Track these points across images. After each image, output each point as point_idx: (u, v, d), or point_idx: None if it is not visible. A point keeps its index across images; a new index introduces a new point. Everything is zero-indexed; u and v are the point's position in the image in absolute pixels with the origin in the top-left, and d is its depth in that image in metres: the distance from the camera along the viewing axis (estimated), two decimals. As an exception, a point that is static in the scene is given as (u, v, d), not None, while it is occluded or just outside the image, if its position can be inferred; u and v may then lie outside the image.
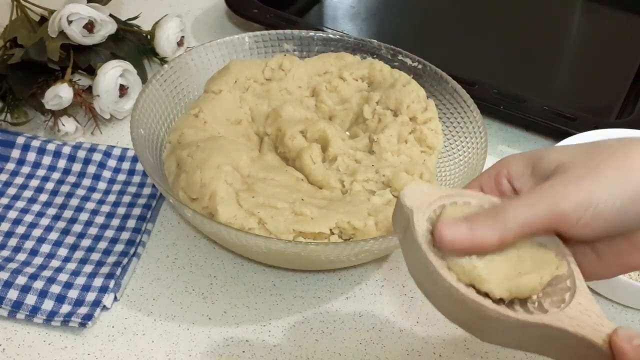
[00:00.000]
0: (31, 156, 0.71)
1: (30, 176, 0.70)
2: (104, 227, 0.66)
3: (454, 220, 0.39)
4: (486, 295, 0.38)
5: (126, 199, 0.68)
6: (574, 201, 0.38)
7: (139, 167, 0.71)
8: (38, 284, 0.59)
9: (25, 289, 0.59)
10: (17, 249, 0.63)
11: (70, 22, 0.74)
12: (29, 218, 0.66)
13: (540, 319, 0.37)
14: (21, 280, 0.59)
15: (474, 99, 0.69)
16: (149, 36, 0.84)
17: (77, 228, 0.65)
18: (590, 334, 0.37)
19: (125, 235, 0.65)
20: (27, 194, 0.68)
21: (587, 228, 0.39)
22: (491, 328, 0.38)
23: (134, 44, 0.82)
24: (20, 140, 0.71)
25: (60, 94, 0.72)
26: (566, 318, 0.38)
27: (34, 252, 0.63)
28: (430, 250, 0.39)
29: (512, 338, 0.38)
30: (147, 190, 0.69)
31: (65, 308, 0.59)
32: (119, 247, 0.64)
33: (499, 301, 0.38)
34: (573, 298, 0.39)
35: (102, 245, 0.64)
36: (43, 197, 0.68)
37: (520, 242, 0.40)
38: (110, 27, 0.77)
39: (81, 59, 0.76)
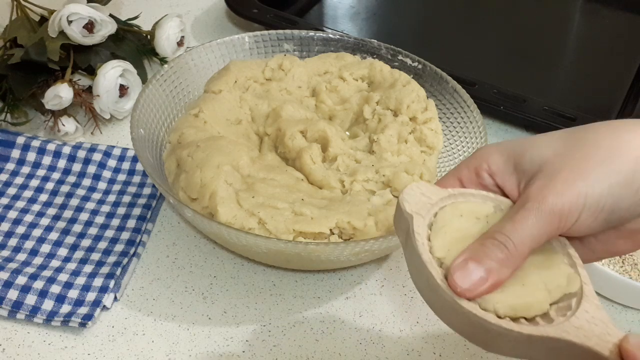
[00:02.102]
0: (31, 156, 0.71)
1: (30, 176, 0.70)
2: (104, 227, 0.66)
3: (460, 262, 0.37)
4: None
5: (126, 199, 0.68)
6: (569, 205, 0.38)
7: (139, 167, 0.71)
8: (38, 284, 0.59)
9: (25, 289, 0.59)
10: (17, 249, 0.63)
11: (70, 22, 0.74)
12: (29, 218, 0.66)
13: (546, 332, 0.36)
14: (21, 280, 0.59)
15: (474, 99, 0.69)
16: (149, 36, 0.84)
17: (77, 228, 0.65)
18: (597, 345, 0.36)
19: (125, 235, 0.65)
20: (27, 194, 0.68)
21: (583, 226, 0.39)
22: (495, 341, 0.37)
23: (134, 44, 0.82)
24: (21, 140, 0.71)
25: (60, 94, 0.72)
26: (572, 329, 0.36)
27: (34, 252, 0.63)
28: (432, 259, 0.38)
29: (517, 350, 0.38)
30: (147, 190, 0.69)
31: (65, 308, 0.59)
32: (119, 247, 0.64)
33: None
34: (579, 305, 0.38)
35: (102, 245, 0.64)
36: (43, 197, 0.68)
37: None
38: (110, 27, 0.77)
39: (81, 59, 0.76)
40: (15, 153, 0.71)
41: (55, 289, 0.59)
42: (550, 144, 0.41)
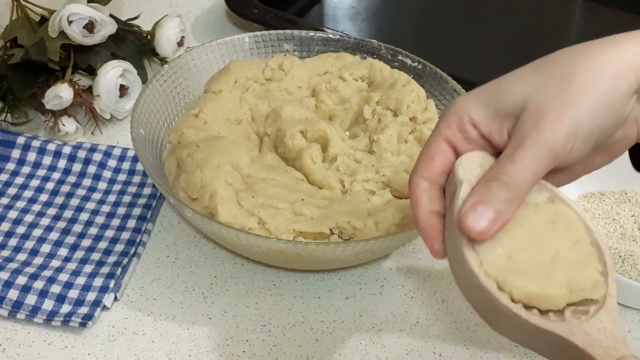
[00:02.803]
0: (31, 156, 0.71)
1: (30, 176, 0.70)
2: (104, 227, 0.66)
3: (469, 208, 0.38)
4: None
5: (126, 199, 0.68)
6: (565, 136, 0.39)
7: (139, 167, 0.71)
8: (38, 284, 0.59)
9: (26, 289, 0.59)
10: (17, 249, 0.63)
11: (70, 22, 0.74)
12: (29, 218, 0.66)
13: (552, 327, 0.36)
14: (21, 280, 0.59)
15: (474, 99, 0.69)
16: (149, 36, 0.84)
17: (77, 228, 0.65)
18: (599, 355, 0.35)
19: (125, 235, 0.65)
20: (28, 194, 0.68)
21: (576, 154, 0.40)
22: (501, 322, 0.38)
23: (134, 44, 0.82)
24: (21, 140, 0.71)
25: (60, 94, 0.72)
26: (580, 332, 0.36)
27: (34, 252, 0.63)
28: None
29: (521, 337, 0.38)
30: (147, 190, 0.69)
31: (66, 308, 0.59)
32: (119, 247, 0.64)
33: None
34: (597, 314, 0.37)
35: (103, 245, 0.64)
36: (43, 197, 0.68)
37: (566, 240, 0.39)
38: (111, 27, 0.77)
39: (81, 59, 0.76)
40: (16, 153, 0.71)
41: (56, 288, 0.59)
42: (526, 79, 0.41)
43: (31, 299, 0.59)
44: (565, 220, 0.40)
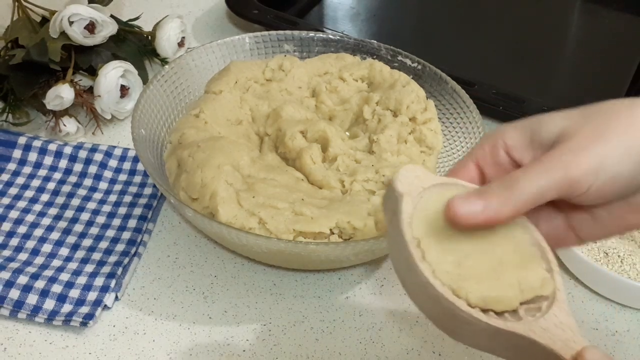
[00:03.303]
0: (32, 156, 0.71)
1: (31, 176, 0.70)
2: (105, 226, 0.66)
3: (466, 195, 0.38)
4: None
5: (127, 198, 0.69)
6: (585, 168, 0.37)
7: (140, 167, 0.71)
8: (39, 284, 0.59)
9: (27, 289, 0.59)
10: (18, 249, 0.63)
11: (71, 22, 0.74)
12: (30, 218, 0.66)
13: (513, 327, 0.36)
14: (22, 279, 0.60)
15: (473, 99, 0.69)
16: (149, 37, 0.84)
17: (78, 228, 0.66)
18: (561, 349, 0.36)
19: (126, 235, 0.65)
20: (29, 194, 0.69)
21: (598, 194, 0.38)
22: (462, 329, 0.38)
23: (135, 45, 0.82)
24: (22, 140, 0.71)
25: (61, 94, 0.72)
26: (539, 329, 0.37)
27: (35, 252, 0.63)
28: (414, 240, 0.38)
29: (483, 341, 0.38)
30: (148, 190, 0.69)
31: (67, 307, 0.59)
32: (120, 247, 0.64)
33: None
34: (550, 309, 0.38)
35: (103, 244, 0.64)
36: (44, 197, 0.68)
37: (507, 243, 0.40)
38: (112, 28, 0.77)
39: (82, 60, 0.76)
40: (17, 153, 0.71)
41: (57, 288, 0.60)
42: (567, 116, 0.40)
43: (32, 299, 0.59)
44: (504, 224, 0.40)
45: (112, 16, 0.78)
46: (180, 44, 0.84)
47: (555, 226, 0.43)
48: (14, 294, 0.59)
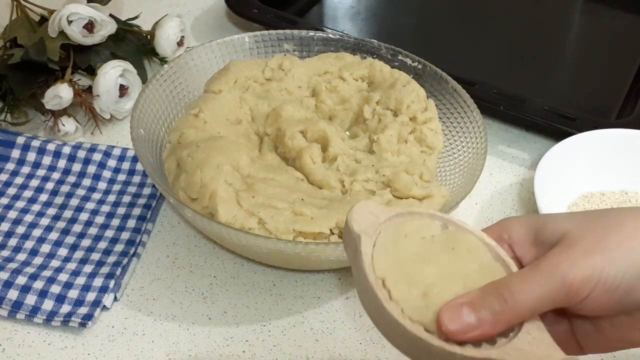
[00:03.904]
0: (31, 156, 0.71)
1: (30, 176, 0.70)
2: (104, 227, 0.66)
3: (455, 304, 0.37)
4: None
5: (126, 199, 0.68)
6: (582, 276, 0.37)
7: (139, 167, 0.71)
8: (38, 284, 0.59)
9: (25, 289, 0.59)
10: (17, 249, 0.63)
11: (70, 22, 0.74)
12: (29, 218, 0.66)
13: (488, 355, 0.36)
14: (21, 280, 0.59)
15: (474, 99, 0.69)
16: (149, 36, 0.84)
17: (77, 228, 0.65)
18: None
19: (125, 235, 0.65)
20: (27, 194, 0.68)
21: (595, 303, 0.38)
22: None
23: (134, 44, 0.82)
24: (21, 140, 0.71)
25: (60, 94, 0.72)
26: (514, 351, 0.36)
27: (34, 252, 0.63)
28: (378, 280, 0.38)
29: None
30: (147, 190, 0.69)
31: (65, 308, 0.59)
32: (119, 247, 0.64)
33: None
34: (522, 326, 0.37)
35: (102, 245, 0.64)
36: (43, 197, 0.68)
37: (470, 262, 0.39)
38: (110, 27, 0.77)
39: (81, 59, 0.76)
40: (15, 153, 0.71)
41: (55, 289, 0.59)
42: (572, 217, 0.40)
43: (31, 299, 0.59)
44: (463, 243, 0.40)
45: (111, 15, 0.78)
46: (180, 43, 0.84)
47: (558, 332, 0.41)
48: (13, 294, 0.59)
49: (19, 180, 0.70)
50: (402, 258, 0.39)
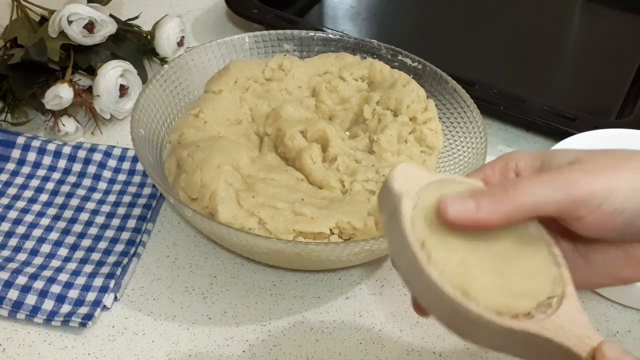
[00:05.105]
0: (31, 156, 0.71)
1: (30, 176, 0.70)
2: (104, 227, 0.66)
3: (460, 194, 0.37)
4: None
5: (126, 199, 0.68)
6: (591, 190, 0.36)
7: (139, 167, 0.71)
8: (38, 284, 0.59)
9: (26, 289, 0.59)
10: (17, 249, 0.63)
11: (70, 22, 0.74)
12: (29, 218, 0.66)
13: (525, 327, 0.36)
14: (21, 280, 0.59)
15: (473, 99, 0.69)
16: (149, 36, 0.84)
17: (77, 228, 0.66)
18: (575, 345, 0.35)
19: (125, 235, 0.65)
20: (28, 194, 0.68)
21: (596, 224, 0.37)
22: (473, 330, 0.37)
23: (134, 44, 0.82)
24: (21, 140, 0.71)
25: (60, 94, 0.72)
26: (552, 327, 0.36)
27: (34, 252, 0.63)
28: (417, 242, 0.37)
29: (495, 342, 0.37)
30: (147, 190, 0.69)
31: (66, 308, 0.59)
32: (119, 247, 0.64)
33: None
34: (560, 305, 0.37)
35: (103, 245, 0.64)
36: (43, 197, 0.68)
37: (511, 235, 0.39)
38: (111, 27, 0.77)
39: (81, 59, 0.76)
40: (16, 153, 0.71)
41: (56, 288, 0.59)
42: (581, 150, 0.40)
43: (31, 299, 0.59)
44: None
45: (111, 15, 0.78)
46: (180, 44, 0.84)
47: None
48: (13, 294, 0.59)
49: (19, 180, 0.70)
50: (442, 224, 0.38)
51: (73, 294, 0.59)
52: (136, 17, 0.86)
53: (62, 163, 0.71)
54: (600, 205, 0.37)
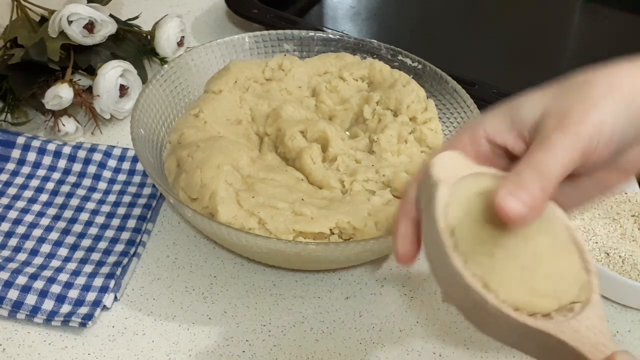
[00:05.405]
0: (31, 156, 0.71)
1: (30, 176, 0.70)
2: (104, 227, 0.66)
3: (505, 190, 0.36)
4: None
5: (126, 199, 0.68)
6: (591, 132, 0.38)
7: (139, 167, 0.71)
8: (38, 284, 0.59)
9: (26, 289, 0.59)
10: (17, 249, 0.63)
11: (70, 22, 0.74)
12: (29, 218, 0.66)
13: (542, 326, 0.36)
14: (21, 280, 0.59)
15: (473, 99, 0.69)
16: (149, 36, 0.84)
17: (77, 228, 0.65)
18: (589, 352, 0.35)
19: (125, 235, 0.65)
20: (28, 194, 0.68)
21: (597, 157, 0.39)
22: (490, 323, 0.37)
23: (134, 44, 0.82)
24: (21, 140, 0.71)
25: (60, 94, 0.72)
26: (569, 330, 0.36)
27: (34, 252, 0.63)
28: (447, 228, 0.37)
29: (509, 337, 0.37)
30: (147, 190, 0.69)
31: (66, 308, 0.59)
32: (119, 247, 0.64)
33: None
34: (583, 311, 0.37)
35: (103, 245, 0.64)
36: (43, 197, 0.68)
37: (545, 236, 0.39)
38: (111, 27, 0.77)
39: (81, 59, 0.76)
40: (16, 153, 0.71)
41: (56, 288, 0.59)
42: (543, 93, 0.41)
43: (31, 299, 0.59)
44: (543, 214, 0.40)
45: (111, 15, 0.78)
46: (180, 44, 0.84)
47: None
48: (13, 294, 0.59)
49: (19, 180, 0.70)
50: (475, 215, 0.39)
51: (73, 294, 0.59)
52: (136, 17, 0.86)
53: (62, 163, 0.71)
54: (598, 143, 0.39)
